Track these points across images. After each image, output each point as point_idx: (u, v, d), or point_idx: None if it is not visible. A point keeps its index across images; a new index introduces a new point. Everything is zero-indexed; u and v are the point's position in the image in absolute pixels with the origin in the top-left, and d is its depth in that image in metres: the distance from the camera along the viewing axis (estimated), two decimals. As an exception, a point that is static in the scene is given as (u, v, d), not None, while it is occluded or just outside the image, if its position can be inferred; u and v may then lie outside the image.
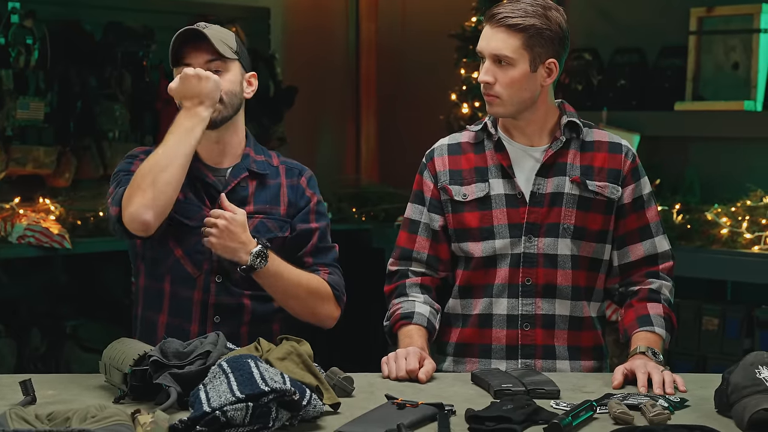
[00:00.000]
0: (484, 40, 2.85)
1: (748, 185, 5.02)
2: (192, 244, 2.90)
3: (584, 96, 5.63)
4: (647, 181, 2.99)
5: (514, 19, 2.80)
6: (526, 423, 2.27)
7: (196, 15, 5.70)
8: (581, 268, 2.91)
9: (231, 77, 2.90)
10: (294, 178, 3.02)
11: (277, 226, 2.96)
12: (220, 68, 2.88)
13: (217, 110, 2.87)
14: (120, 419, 2.07)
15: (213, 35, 2.88)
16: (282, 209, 2.97)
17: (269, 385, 2.17)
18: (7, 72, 5.01)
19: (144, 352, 2.46)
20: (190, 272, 2.91)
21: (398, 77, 6.76)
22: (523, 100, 2.85)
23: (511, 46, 2.81)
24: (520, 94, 2.84)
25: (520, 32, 2.80)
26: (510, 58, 2.81)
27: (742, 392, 2.32)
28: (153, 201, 2.76)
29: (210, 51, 2.87)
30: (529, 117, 2.90)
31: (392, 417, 2.27)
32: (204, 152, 2.95)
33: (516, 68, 2.82)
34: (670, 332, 2.89)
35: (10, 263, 5.02)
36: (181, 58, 2.89)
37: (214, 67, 2.87)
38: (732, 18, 5.21)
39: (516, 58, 2.81)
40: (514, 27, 2.80)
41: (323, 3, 6.71)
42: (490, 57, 2.83)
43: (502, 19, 2.81)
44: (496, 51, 2.82)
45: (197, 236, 2.89)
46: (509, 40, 2.81)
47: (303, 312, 2.95)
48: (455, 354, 2.96)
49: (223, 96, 2.88)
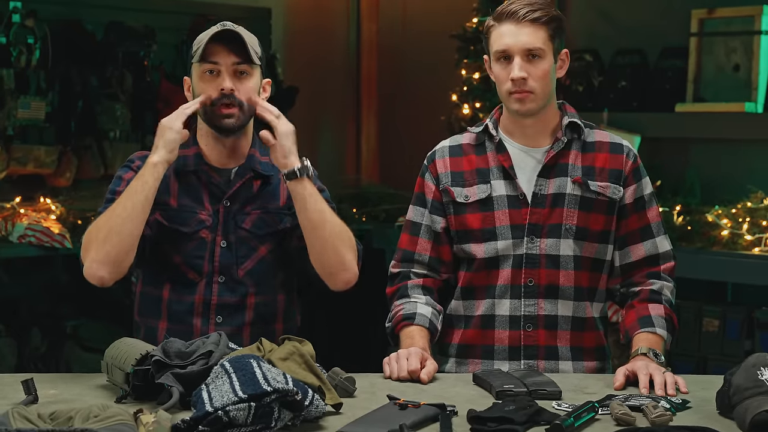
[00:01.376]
0: (509, 38, 2.85)
1: (749, 187, 5.02)
2: (190, 250, 2.89)
3: (585, 97, 5.63)
4: (648, 181, 2.99)
5: (537, 13, 2.84)
6: (528, 424, 2.27)
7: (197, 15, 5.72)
8: (583, 268, 2.91)
9: (252, 84, 2.88)
10: None
11: (277, 219, 2.95)
12: (246, 71, 2.86)
13: (236, 117, 2.86)
14: (122, 419, 2.07)
15: (245, 36, 2.86)
16: (281, 201, 2.96)
17: (272, 385, 2.17)
18: (9, 71, 5.01)
19: (146, 351, 2.47)
20: (192, 278, 2.90)
21: (399, 78, 6.76)
22: (550, 93, 2.89)
23: (541, 38, 2.84)
24: (549, 86, 2.88)
25: (545, 24, 2.85)
26: (542, 50, 2.84)
27: (744, 394, 2.32)
28: (106, 257, 2.75)
29: (241, 53, 2.85)
30: (543, 114, 2.91)
31: (394, 417, 2.27)
32: (211, 153, 2.95)
33: (546, 60, 2.85)
34: (671, 333, 2.89)
35: (10, 263, 5.02)
36: (208, 55, 2.85)
37: (242, 69, 2.85)
38: (733, 20, 5.22)
39: (546, 49, 2.85)
40: (539, 20, 2.84)
41: (324, 3, 6.71)
42: (521, 53, 2.84)
43: (526, 14, 2.84)
44: (528, 45, 2.84)
45: (195, 241, 2.89)
46: (538, 32, 2.84)
47: (329, 250, 2.84)
48: (458, 355, 2.96)
49: (243, 102, 2.86)
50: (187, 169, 2.93)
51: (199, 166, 2.93)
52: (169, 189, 2.92)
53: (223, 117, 2.86)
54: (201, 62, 2.86)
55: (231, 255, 2.90)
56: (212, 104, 2.86)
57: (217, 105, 2.85)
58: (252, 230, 2.92)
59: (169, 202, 2.91)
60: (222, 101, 2.85)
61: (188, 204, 2.91)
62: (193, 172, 2.93)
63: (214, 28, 2.88)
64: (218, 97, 2.85)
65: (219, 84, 2.84)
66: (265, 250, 2.92)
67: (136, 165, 2.91)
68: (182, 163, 2.93)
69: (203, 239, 2.90)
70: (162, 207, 2.89)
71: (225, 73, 2.85)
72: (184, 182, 2.93)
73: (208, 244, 2.90)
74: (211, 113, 2.87)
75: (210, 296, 2.90)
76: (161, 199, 2.88)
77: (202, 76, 2.87)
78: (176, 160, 2.90)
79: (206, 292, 2.89)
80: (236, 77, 2.85)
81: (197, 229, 2.89)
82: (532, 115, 2.89)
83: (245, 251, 2.90)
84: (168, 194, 2.91)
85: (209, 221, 2.91)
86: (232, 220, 2.91)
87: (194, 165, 2.93)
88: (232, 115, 2.86)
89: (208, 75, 2.86)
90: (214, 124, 2.89)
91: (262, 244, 2.92)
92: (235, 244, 2.91)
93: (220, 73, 2.85)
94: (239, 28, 2.89)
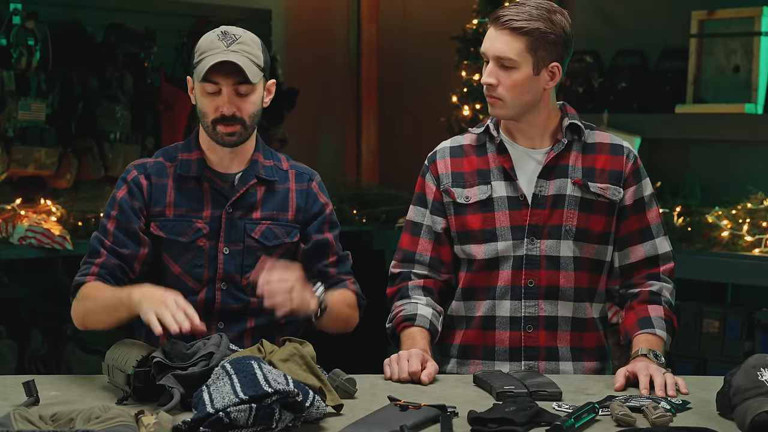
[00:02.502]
0: (488, 42, 2.85)
1: (749, 188, 5.03)
2: (189, 259, 2.89)
3: (585, 98, 5.64)
4: (649, 182, 2.99)
5: (519, 23, 2.80)
6: (528, 425, 2.27)
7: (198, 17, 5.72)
8: (584, 269, 2.91)
9: (255, 98, 2.86)
10: (304, 183, 3.00)
11: (285, 232, 2.95)
12: (247, 91, 2.84)
13: (238, 134, 2.85)
14: (124, 420, 2.07)
15: (244, 55, 2.81)
16: (290, 214, 2.96)
17: (272, 386, 2.17)
18: (9, 73, 5.01)
19: (147, 353, 2.47)
20: (192, 286, 2.89)
21: (399, 79, 6.76)
22: (525, 103, 2.86)
23: (515, 49, 2.81)
24: (522, 96, 2.84)
25: (524, 35, 2.80)
26: (513, 60, 2.81)
27: (744, 395, 2.32)
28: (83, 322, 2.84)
29: (239, 74, 2.81)
30: (531, 119, 2.90)
31: (395, 418, 2.27)
32: (214, 158, 2.93)
33: (519, 71, 2.82)
34: (671, 334, 2.89)
35: (11, 264, 5.01)
36: (209, 75, 2.81)
37: (242, 90, 2.82)
38: (733, 21, 5.22)
39: (519, 61, 2.81)
40: (519, 30, 2.80)
41: (324, 5, 6.71)
42: (493, 59, 2.83)
43: (506, 22, 2.81)
44: (499, 53, 2.82)
45: (192, 251, 2.88)
46: (513, 42, 2.81)
47: (340, 327, 2.98)
48: (459, 356, 2.96)
49: (245, 119, 2.85)
50: (189, 174, 2.92)
51: (202, 171, 2.91)
52: (166, 198, 2.91)
53: (225, 135, 2.85)
54: (202, 81, 2.83)
55: (235, 263, 2.90)
56: (213, 123, 2.84)
57: (218, 124, 2.84)
58: (261, 240, 2.91)
59: (164, 213, 2.90)
60: (222, 121, 2.84)
61: (184, 213, 2.90)
62: (195, 178, 2.92)
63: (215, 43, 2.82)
64: (219, 117, 2.83)
65: (219, 105, 2.82)
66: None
67: (131, 177, 2.91)
68: (185, 168, 2.92)
69: (201, 248, 2.89)
70: (158, 218, 2.89)
71: (225, 94, 2.82)
72: (185, 188, 2.92)
73: (207, 252, 2.89)
74: (213, 131, 2.86)
75: (213, 302, 2.89)
76: (157, 210, 2.89)
77: (203, 93, 2.85)
78: (178, 165, 2.91)
79: (208, 298, 2.89)
80: (238, 97, 2.83)
81: (194, 239, 2.89)
82: (512, 119, 2.89)
83: (252, 261, 2.88)
84: (164, 204, 2.90)
85: (206, 229, 2.89)
86: (235, 227, 2.90)
87: (197, 170, 2.92)
88: (234, 132, 2.85)
89: (208, 94, 2.84)
90: (216, 140, 2.88)
91: (270, 254, 2.89)
92: (242, 252, 2.90)
93: (220, 92, 2.82)
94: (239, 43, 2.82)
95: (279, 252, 2.91)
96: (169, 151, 2.98)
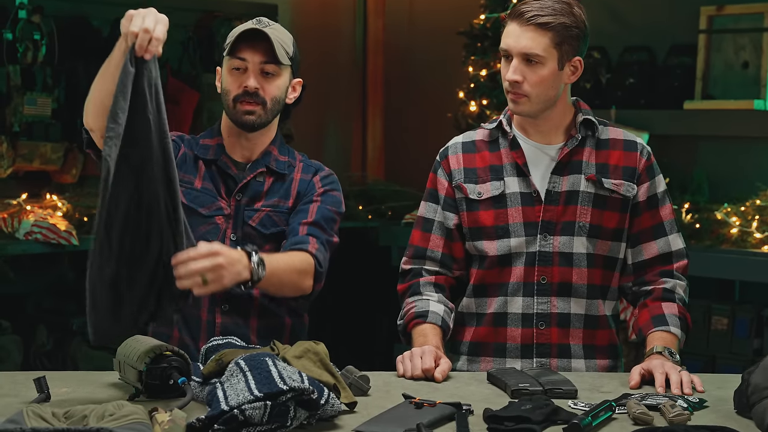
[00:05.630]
0: (511, 38, 2.82)
1: (758, 184, 5.01)
2: (203, 233, 2.87)
3: (593, 94, 5.62)
4: (662, 179, 2.97)
5: (544, 18, 2.78)
6: (545, 423, 2.25)
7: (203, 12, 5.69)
8: (597, 266, 2.89)
9: (280, 83, 2.90)
10: (309, 174, 3.00)
11: (284, 219, 2.94)
12: (273, 71, 2.87)
13: (257, 115, 2.88)
14: (138, 417, 2.05)
15: (274, 36, 2.86)
16: (290, 202, 2.96)
17: (287, 383, 2.15)
18: (15, 68, 5.01)
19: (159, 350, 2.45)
20: None
21: (405, 75, 6.75)
22: (549, 99, 2.84)
23: (542, 44, 2.79)
24: (547, 92, 2.83)
25: (550, 30, 2.79)
26: (540, 56, 2.79)
27: (763, 393, 2.30)
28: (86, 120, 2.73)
29: (268, 52, 2.85)
30: (548, 115, 2.88)
31: (411, 416, 2.25)
32: (232, 146, 2.96)
33: (545, 67, 2.80)
34: (685, 332, 2.88)
35: (17, 259, 5.00)
36: (236, 51, 2.87)
37: (268, 69, 2.86)
38: (742, 17, 5.21)
39: (546, 56, 2.80)
40: (545, 26, 2.79)
41: (330, 0, 6.69)
42: (519, 55, 2.81)
43: (532, 18, 2.79)
44: (526, 50, 2.80)
45: (210, 225, 2.89)
46: (539, 38, 2.79)
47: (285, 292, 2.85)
48: (469, 353, 2.94)
49: (267, 101, 2.87)
50: (207, 158, 2.95)
51: (218, 157, 2.95)
52: (197, 169, 2.94)
53: (244, 113, 2.88)
54: (230, 57, 2.88)
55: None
56: (234, 100, 2.87)
57: (239, 101, 2.87)
58: (258, 228, 2.91)
59: (193, 181, 2.93)
60: (245, 98, 2.86)
61: (209, 189, 2.93)
62: (213, 161, 2.94)
63: (249, 23, 2.89)
64: (241, 93, 2.86)
65: (243, 81, 2.87)
66: (269, 248, 2.90)
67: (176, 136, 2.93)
68: (204, 152, 2.95)
69: (217, 225, 2.91)
70: (186, 185, 2.90)
71: (251, 71, 2.86)
72: (207, 169, 2.95)
73: (221, 232, 2.90)
74: (233, 109, 2.89)
75: None
76: (187, 177, 2.91)
77: (230, 70, 2.89)
78: (198, 149, 2.95)
79: None
80: (262, 76, 2.87)
81: (214, 214, 2.90)
82: (532, 116, 2.87)
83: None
84: (195, 173, 2.93)
85: (227, 210, 2.92)
86: (241, 215, 2.92)
87: (215, 155, 2.95)
88: (254, 111, 2.88)
89: (235, 71, 2.88)
90: (236, 119, 2.91)
91: (267, 242, 2.91)
92: (241, 239, 2.90)
93: (246, 70, 2.87)
94: (272, 27, 2.89)
95: (277, 239, 2.90)
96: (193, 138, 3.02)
